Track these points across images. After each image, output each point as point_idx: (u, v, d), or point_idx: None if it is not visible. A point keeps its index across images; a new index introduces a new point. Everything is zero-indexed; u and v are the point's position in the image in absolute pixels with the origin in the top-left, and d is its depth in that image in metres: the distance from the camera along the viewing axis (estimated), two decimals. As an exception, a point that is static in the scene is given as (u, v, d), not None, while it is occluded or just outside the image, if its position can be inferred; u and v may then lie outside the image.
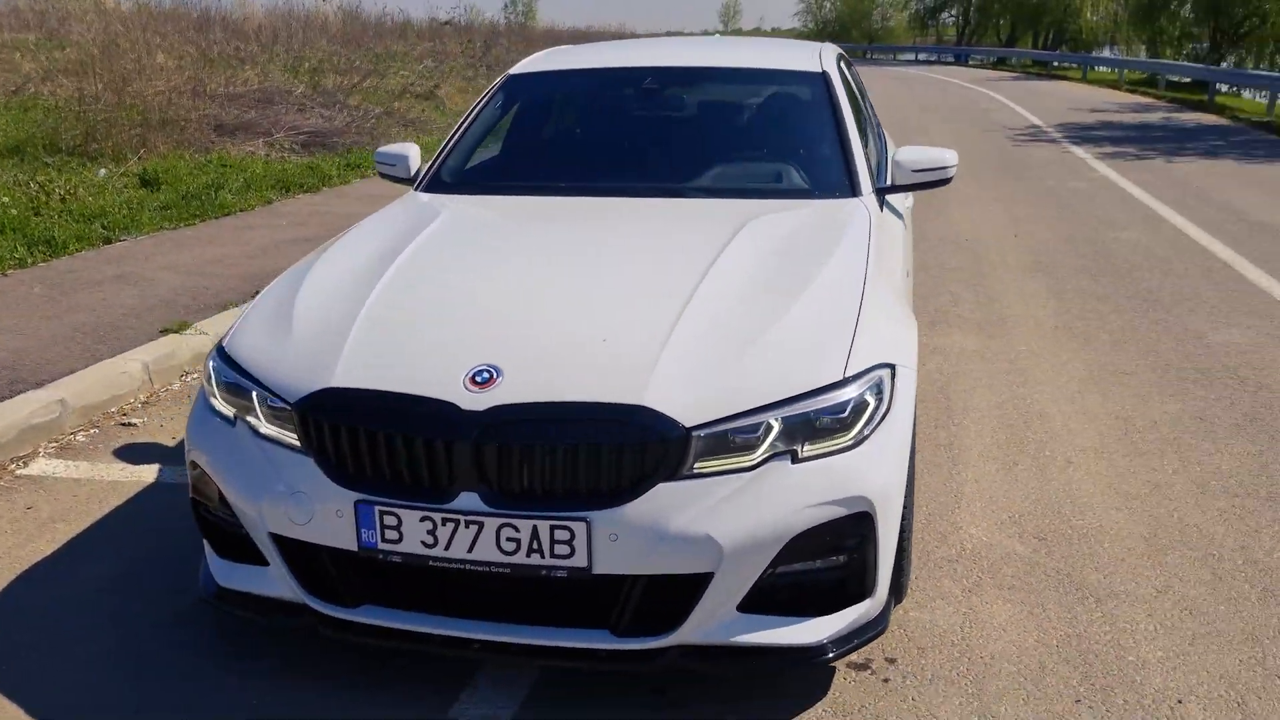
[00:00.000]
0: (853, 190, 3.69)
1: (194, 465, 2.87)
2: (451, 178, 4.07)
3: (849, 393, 2.56)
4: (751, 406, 2.49)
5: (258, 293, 6.16)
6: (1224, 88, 26.88)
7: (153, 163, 10.08)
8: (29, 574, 3.37)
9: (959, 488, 3.91)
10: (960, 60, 54.58)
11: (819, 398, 2.53)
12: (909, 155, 3.84)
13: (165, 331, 5.46)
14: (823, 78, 4.16)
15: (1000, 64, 50.04)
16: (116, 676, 2.84)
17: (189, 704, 2.72)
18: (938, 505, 3.76)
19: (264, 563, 2.75)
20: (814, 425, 2.52)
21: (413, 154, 4.16)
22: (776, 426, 2.48)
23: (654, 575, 2.46)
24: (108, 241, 7.54)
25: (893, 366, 2.70)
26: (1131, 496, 3.84)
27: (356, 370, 2.63)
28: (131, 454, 4.29)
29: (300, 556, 2.67)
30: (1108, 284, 7.02)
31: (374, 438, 2.52)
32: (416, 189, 4.05)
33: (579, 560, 2.43)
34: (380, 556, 2.54)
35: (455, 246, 3.34)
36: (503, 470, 2.45)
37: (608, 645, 2.54)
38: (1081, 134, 17.05)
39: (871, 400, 2.59)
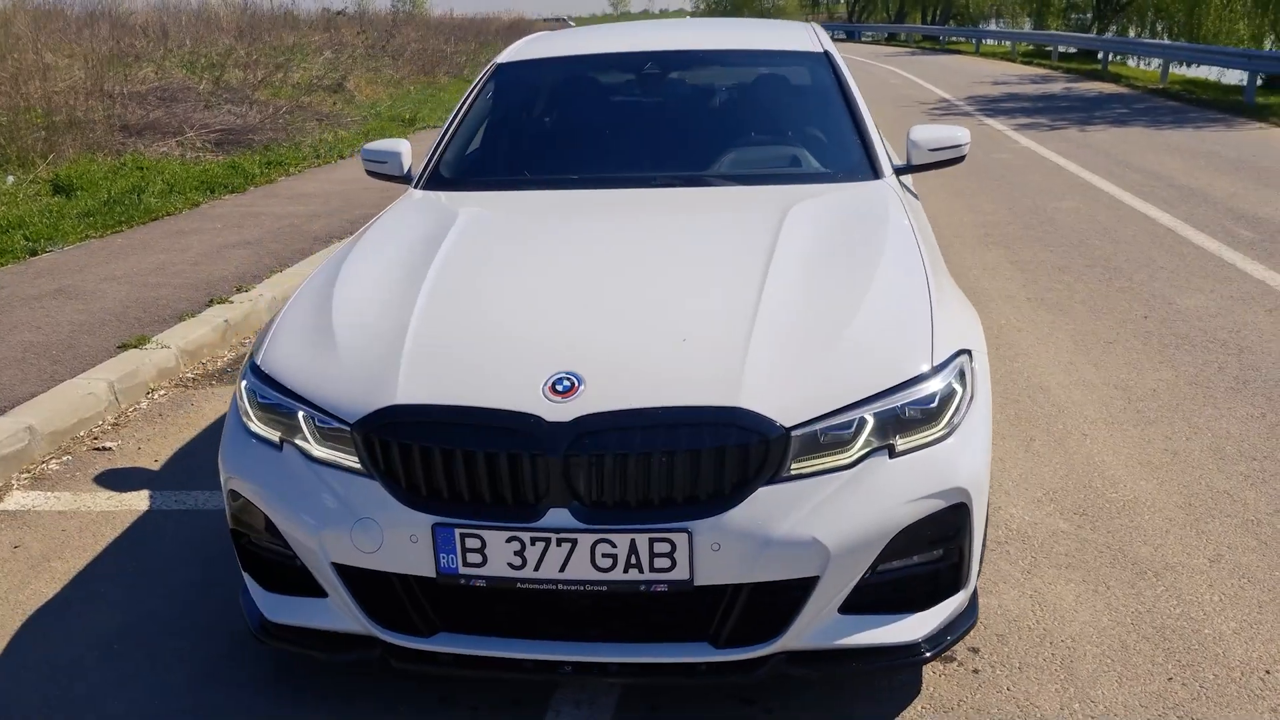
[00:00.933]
0: (874, 172, 3.62)
1: (234, 495, 2.66)
2: (451, 174, 3.88)
3: (937, 383, 2.48)
4: (845, 403, 2.39)
5: (211, 303, 5.93)
6: (1112, 56, 27.76)
7: (64, 167, 9.55)
8: (34, 622, 3.11)
9: (986, 467, 3.88)
10: (853, 37, 55.33)
11: (909, 390, 2.45)
12: (924, 134, 3.79)
13: (124, 347, 5.14)
14: (826, 57, 4.09)
15: (892, 39, 50.89)
16: (163, 727, 2.63)
17: (250, 751, 2.53)
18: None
19: (322, 594, 2.57)
20: (903, 418, 2.44)
21: (404, 150, 3.96)
22: (871, 422, 2.40)
23: (758, 583, 2.36)
24: (34, 253, 7.10)
25: (970, 352, 2.64)
26: (1155, 466, 3.86)
27: (421, 384, 2.46)
28: (114, 480, 4.02)
29: (367, 586, 2.49)
30: (1064, 253, 7.12)
31: (450, 456, 2.36)
32: (416, 186, 3.84)
33: (680, 573, 2.31)
34: (462, 582, 2.38)
35: (492, 247, 3.16)
36: (595, 483, 2.32)
37: (709, 658, 2.42)
38: (992, 106, 17.37)
39: (958, 388, 2.52)
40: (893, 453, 2.40)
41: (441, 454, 2.36)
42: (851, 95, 3.89)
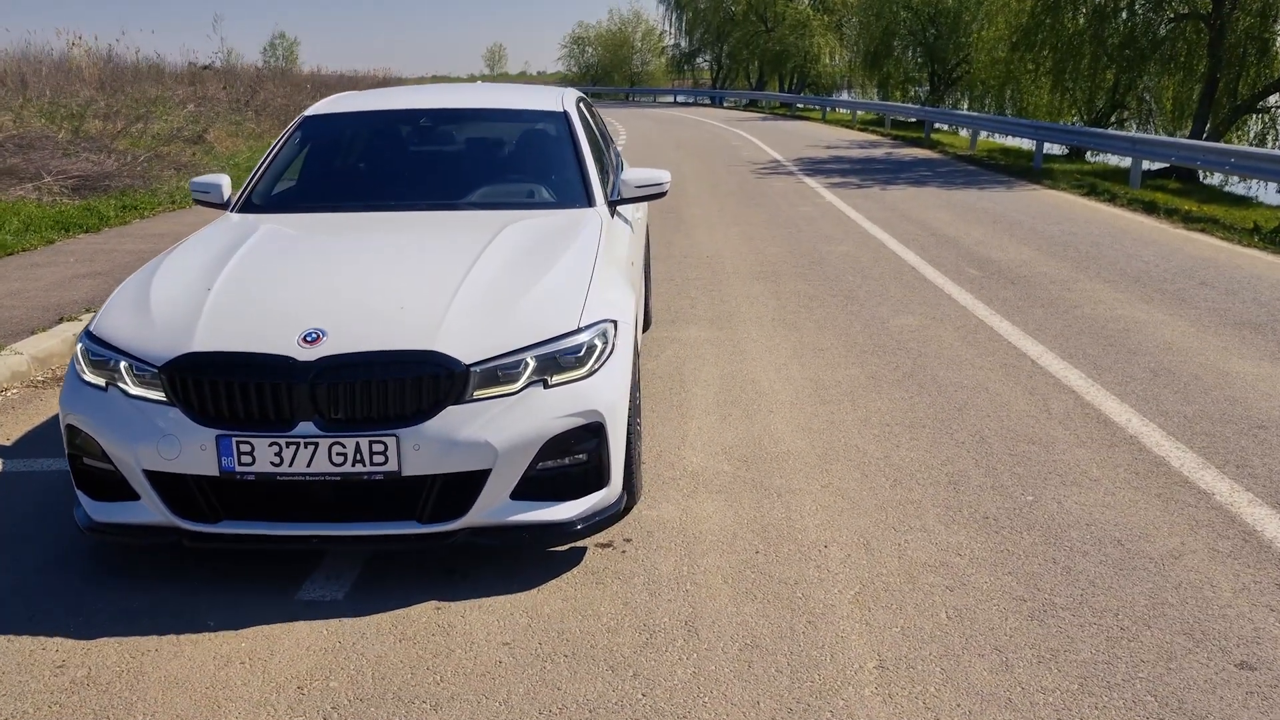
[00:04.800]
0: (589, 202, 4.75)
1: (72, 430, 3.57)
2: (261, 201, 4.87)
3: (582, 338, 3.58)
4: (514, 349, 3.47)
5: (61, 320, 6.73)
6: (945, 126, 30.27)
7: (-79, 207, 10.11)
8: (-94, 541, 3.93)
9: (685, 433, 5.00)
10: (716, 102, 57.92)
11: (561, 341, 3.54)
12: (632, 176, 4.94)
13: (-21, 353, 5.91)
14: (564, 116, 5.22)
15: (752, 105, 53.50)
16: (12, 605, 3.49)
17: (76, 610, 3.42)
18: (669, 445, 4.84)
19: (135, 497, 3.50)
20: (558, 361, 3.52)
21: (225, 183, 4.93)
22: (532, 363, 3.47)
23: (448, 474, 3.39)
24: (-107, 280, 7.73)
25: (615, 321, 3.75)
26: (814, 431, 5.05)
27: (210, 338, 3.44)
28: (-30, 453, 4.82)
29: (169, 486, 3.43)
30: (818, 286, 8.43)
31: (230, 387, 3.34)
32: (231, 211, 4.82)
33: (392, 466, 3.33)
34: (238, 477, 3.35)
35: (277, 247, 4.18)
36: (332, 403, 3.33)
37: (415, 530, 3.44)
38: (815, 167, 19.07)
39: (599, 344, 3.62)
40: (547, 385, 3.48)
41: (224, 385, 3.34)
42: (579, 145, 5.02)
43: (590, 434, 3.55)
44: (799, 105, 45.78)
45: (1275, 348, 6.50)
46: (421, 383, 3.36)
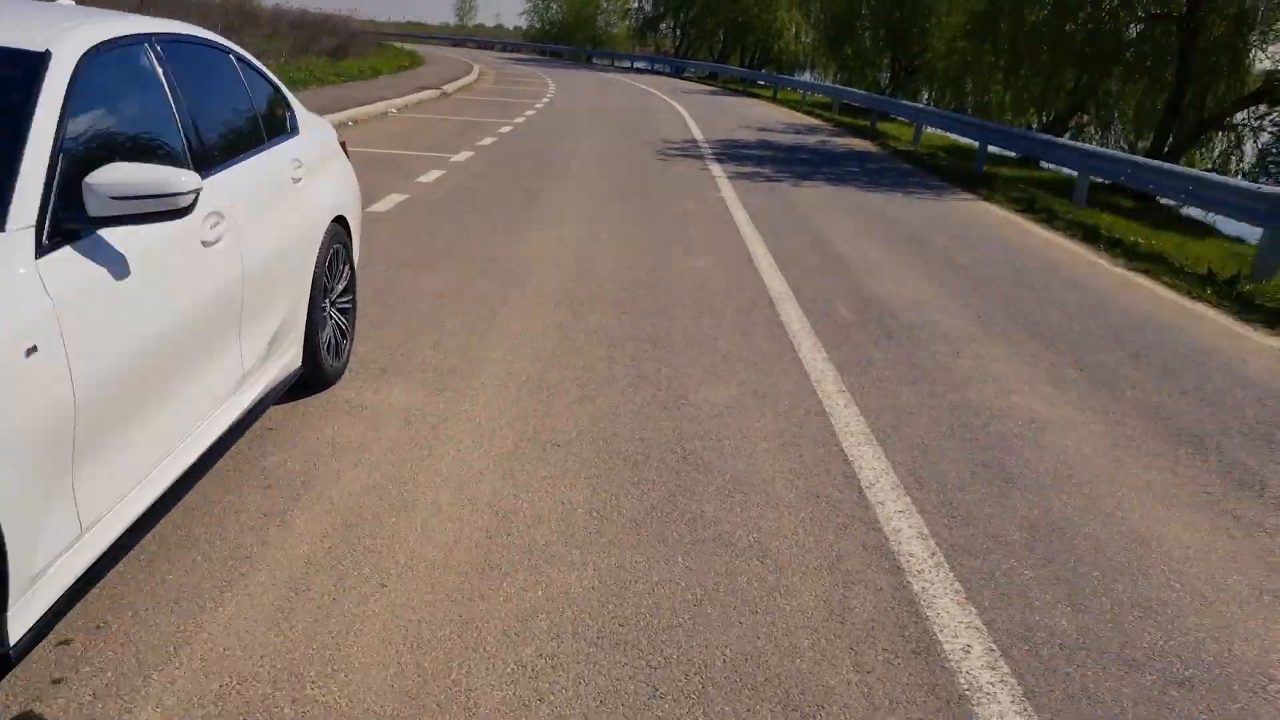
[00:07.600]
0: (-4, 223, 2.51)
1: None
2: None
3: None
4: None
5: None
6: (903, 118, 28.11)
7: None
8: None
9: (189, 638, 2.82)
10: (675, 72, 55.57)
11: None
12: (109, 178, 2.69)
13: None
14: (38, 61, 2.91)
15: (712, 78, 51.22)
16: None
17: None
18: (122, 682, 2.65)
19: None
20: None
21: None
22: None
23: None
24: None
25: None
26: (416, 645, 2.87)
27: None
28: None
29: None
30: (632, 323, 6.23)
31: None
32: None
33: None
34: None
35: None
36: None
37: None
38: (732, 152, 16.87)
39: None
40: None
41: None
42: (30, 121, 2.75)
43: None
44: (760, 82, 43.59)
45: (1222, 488, 4.44)
46: None
